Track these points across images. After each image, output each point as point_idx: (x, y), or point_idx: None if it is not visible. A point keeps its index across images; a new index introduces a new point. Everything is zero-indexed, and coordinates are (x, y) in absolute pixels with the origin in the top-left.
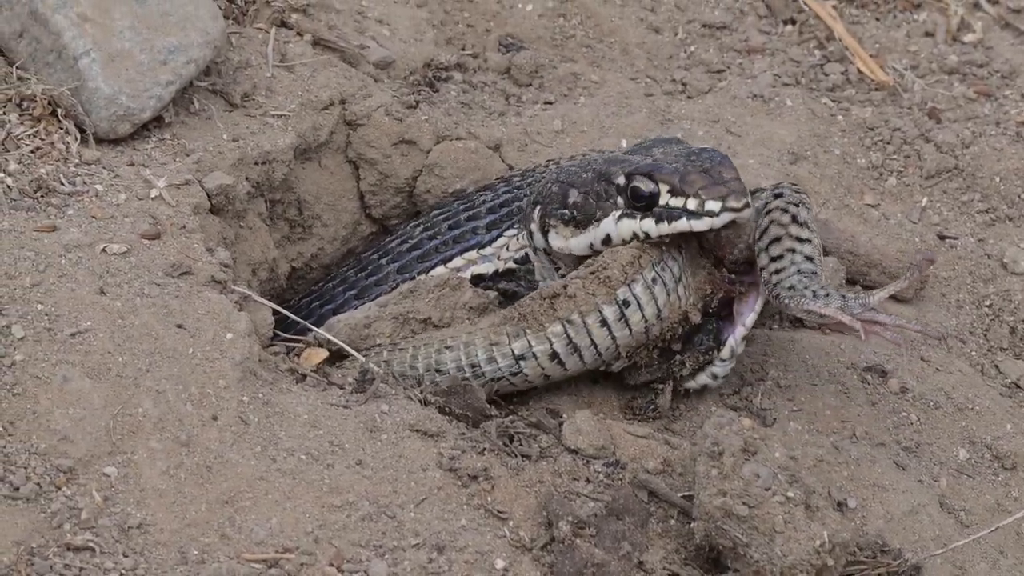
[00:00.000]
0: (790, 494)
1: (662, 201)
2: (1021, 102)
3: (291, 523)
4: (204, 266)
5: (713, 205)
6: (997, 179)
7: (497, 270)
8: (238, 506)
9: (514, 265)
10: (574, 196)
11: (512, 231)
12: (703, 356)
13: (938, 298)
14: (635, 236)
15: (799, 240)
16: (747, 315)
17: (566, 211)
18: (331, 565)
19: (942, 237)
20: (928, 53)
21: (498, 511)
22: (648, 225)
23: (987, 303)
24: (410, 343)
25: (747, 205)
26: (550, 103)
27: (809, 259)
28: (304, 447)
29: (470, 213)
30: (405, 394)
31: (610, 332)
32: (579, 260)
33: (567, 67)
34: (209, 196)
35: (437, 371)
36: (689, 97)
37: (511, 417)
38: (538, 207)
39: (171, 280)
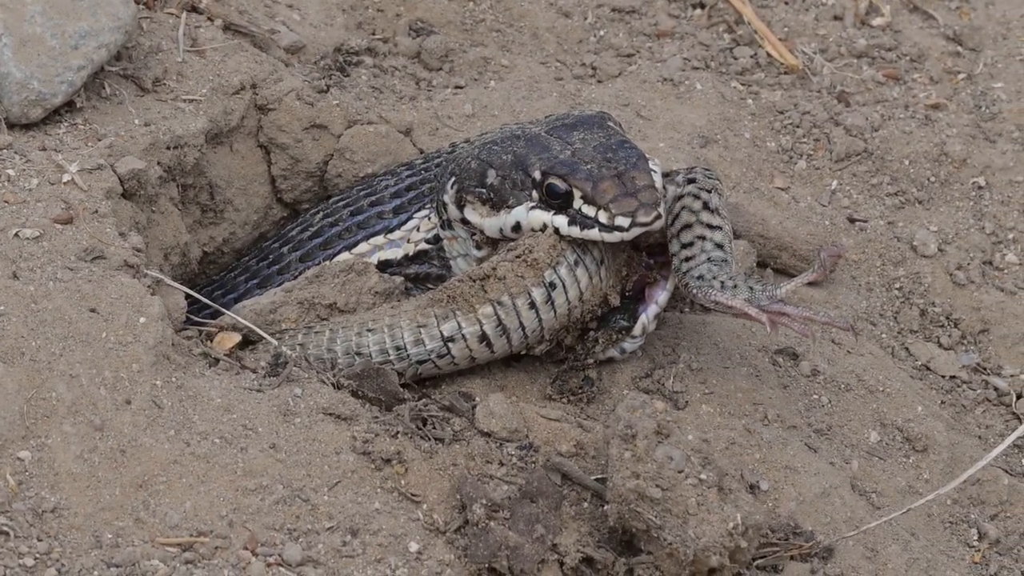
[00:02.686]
0: (703, 476)
1: (575, 204)
2: (930, 86)
3: (205, 507)
4: (116, 250)
5: (623, 221)
6: (906, 162)
7: (407, 254)
8: (152, 490)
9: (426, 246)
10: (491, 177)
11: (423, 212)
12: (616, 335)
13: (848, 281)
14: (545, 227)
15: (710, 227)
16: (660, 294)
17: (483, 190)
18: (245, 548)
19: (852, 220)
20: (837, 37)
21: (412, 494)
22: (560, 222)
23: (897, 286)
24: (327, 326)
25: (657, 217)
26: (460, 87)
27: (719, 247)
28: (218, 431)
29: (373, 199)
30: (318, 378)
31: (537, 314)
32: (491, 239)
33: (477, 51)
34: (121, 181)
35: (358, 354)
36: (599, 81)
37: (424, 400)
38: (454, 179)
39: (84, 264)
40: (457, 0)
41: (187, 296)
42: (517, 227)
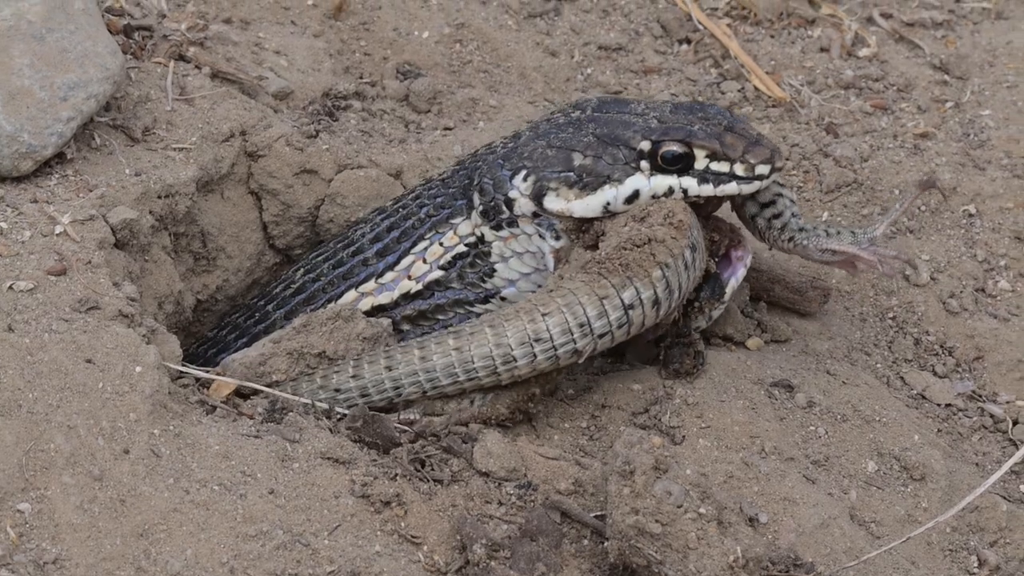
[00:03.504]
0: (702, 510)
1: (699, 164)
2: (917, 115)
3: (206, 554)
4: (111, 300)
5: (763, 168)
6: (896, 191)
7: (407, 292)
8: (153, 539)
9: (440, 273)
10: (579, 159)
11: (422, 245)
12: (709, 307)
13: (842, 311)
14: (670, 191)
15: (781, 185)
16: (746, 256)
17: (570, 174)
18: None
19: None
20: (824, 68)
21: (412, 536)
22: (689, 183)
23: (891, 315)
24: (483, 323)
25: (786, 159)
26: (449, 129)
27: (793, 201)
28: (216, 478)
29: (353, 248)
30: (316, 423)
31: (688, 275)
32: (578, 223)
33: (465, 92)
34: (113, 231)
35: (536, 340)
36: None
37: (421, 442)
38: (525, 172)
39: (78, 315)
40: (444, 42)
41: (182, 344)
42: (634, 197)
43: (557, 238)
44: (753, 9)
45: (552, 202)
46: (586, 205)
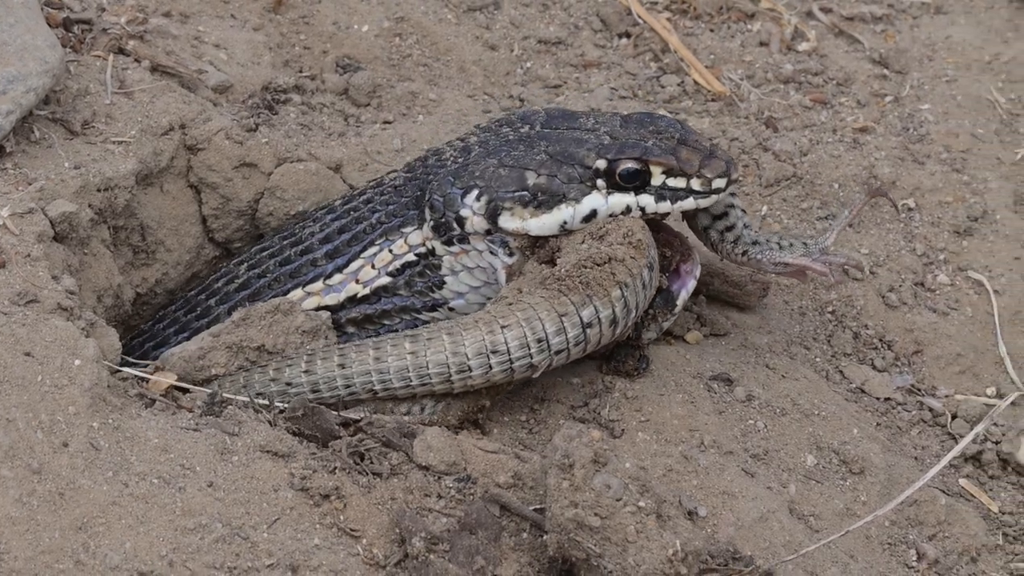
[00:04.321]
0: (641, 504)
1: (655, 181)
2: (857, 109)
3: (145, 547)
4: (50, 294)
5: (719, 182)
6: (835, 185)
7: (353, 295)
8: (92, 532)
9: (387, 280)
10: (533, 179)
11: (371, 251)
12: (660, 313)
13: (781, 305)
14: (628, 210)
15: (733, 195)
16: (695, 269)
17: (525, 193)
18: None
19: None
20: (763, 63)
21: (351, 529)
22: (647, 201)
23: (830, 309)
24: (441, 330)
25: (739, 169)
26: (389, 122)
27: (744, 212)
28: (156, 471)
29: (301, 247)
30: (255, 416)
31: (645, 294)
32: (532, 239)
33: (405, 86)
34: (52, 224)
35: (493, 352)
36: None
37: (360, 436)
38: (478, 192)
39: (17, 308)
40: (383, 36)
41: (121, 337)
42: (591, 216)
43: (510, 255)
44: (693, 3)
45: (507, 221)
46: (542, 224)
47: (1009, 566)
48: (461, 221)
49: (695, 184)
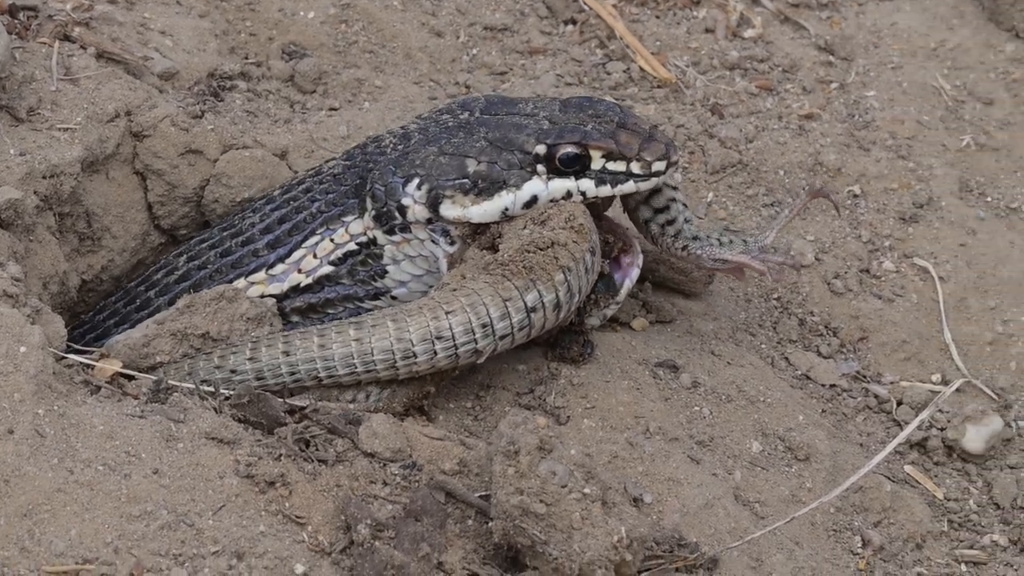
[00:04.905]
0: (586, 491)
1: (595, 165)
2: (803, 96)
3: (90, 534)
4: None
5: (659, 165)
6: (781, 172)
7: (297, 284)
8: (36, 519)
9: (330, 268)
10: (473, 166)
11: (313, 240)
12: (603, 299)
13: (727, 292)
14: (568, 195)
15: (674, 189)
16: (638, 258)
17: (465, 181)
18: (131, 575)
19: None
20: (709, 49)
21: (296, 516)
22: (587, 185)
23: (775, 296)
24: (386, 316)
25: (679, 151)
26: (335, 109)
27: (686, 206)
28: (101, 458)
29: (242, 238)
30: (200, 403)
31: (588, 278)
32: (474, 226)
33: (351, 73)
34: None
35: (438, 338)
36: None
37: (305, 423)
38: (419, 180)
39: None
40: (329, 22)
41: (66, 324)
42: (532, 201)
43: (452, 243)
44: None
45: (448, 210)
46: (484, 211)
47: (954, 552)
48: (403, 210)
49: (635, 167)
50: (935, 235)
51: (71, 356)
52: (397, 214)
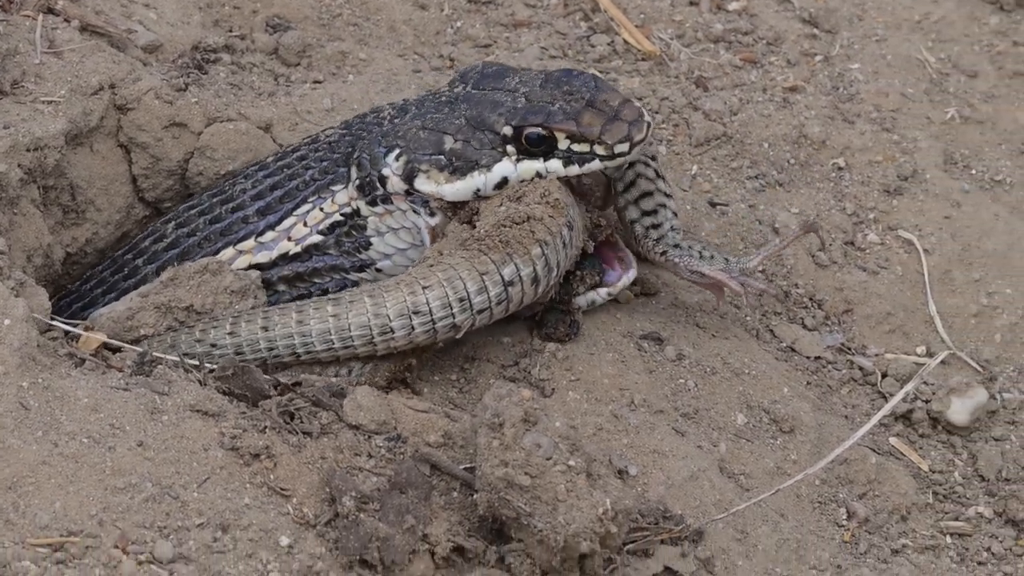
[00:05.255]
0: (571, 463)
1: (561, 145)
2: (787, 68)
3: (75, 507)
4: None
5: (622, 147)
6: (765, 145)
7: (286, 253)
8: (21, 491)
9: (319, 238)
10: (450, 143)
11: (304, 208)
12: (590, 279)
13: None
14: (538, 176)
15: (666, 195)
16: (631, 267)
17: (441, 157)
18: (116, 547)
19: (713, 204)
20: (693, 22)
21: (281, 488)
22: (555, 166)
23: (760, 268)
24: (364, 292)
25: (648, 127)
26: (319, 82)
27: (675, 215)
28: (86, 430)
29: (232, 204)
30: (185, 376)
31: (566, 252)
32: (452, 204)
33: (335, 46)
34: None
35: (415, 313)
36: None
37: (290, 396)
38: (398, 152)
39: None
40: None
41: (51, 297)
42: (502, 183)
43: (432, 215)
44: None
45: (423, 184)
46: (456, 190)
47: (939, 524)
48: (383, 180)
49: (598, 149)
50: (920, 207)
51: (57, 323)
52: (379, 184)
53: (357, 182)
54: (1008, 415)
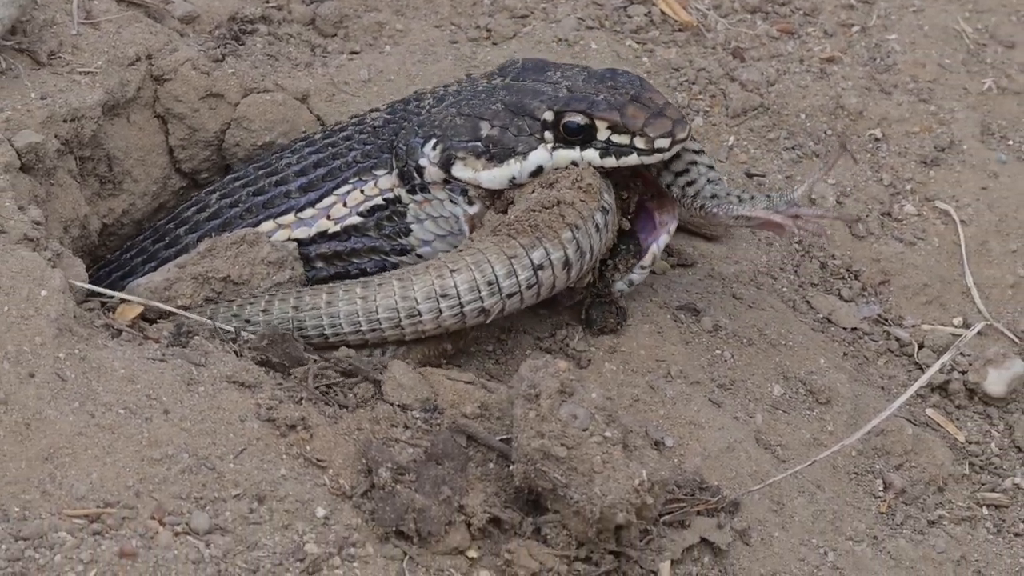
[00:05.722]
0: (607, 434)
1: (600, 136)
2: (824, 39)
3: (112, 477)
4: (16, 224)
5: (663, 142)
6: (802, 116)
7: (324, 231)
8: (58, 462)
9: (358, 219)
10: (487, 129)
11: (345, 188)
12: (628, 262)
13: (748, 235)
14: (574, 165)
15: (695, 152)
16: (670, 223)
17: (478, 144)
18: (153, 518)
19: (750, 175)
20: None
21: (317, 459)
22: (591, 156)
23: (797, 239)
24: (391, 276)
25: (689, 131)
26: (356, 53)
27: (711, 167)
28: (122, 401)
29: (276, 178)
30: (221, 347)
31: (600, 237)
32: (490, 192)
33: (372, 16)
34: (19, 154)
35: (443, 296)
36: (494, 43)
37: (322, 364)
38: (435, 141)
39: None
40: None
41: (87, 268)
42: (538, 172)
43: (471, 203)
44: None
45: (460, 171)
46: (493, 177)
47: (975, 495)
48: (420, 170)
49: (638, 142)
50: (956, 178)
51: (96, 290)
52: (416, 174)
53: (397, 171)
54: None
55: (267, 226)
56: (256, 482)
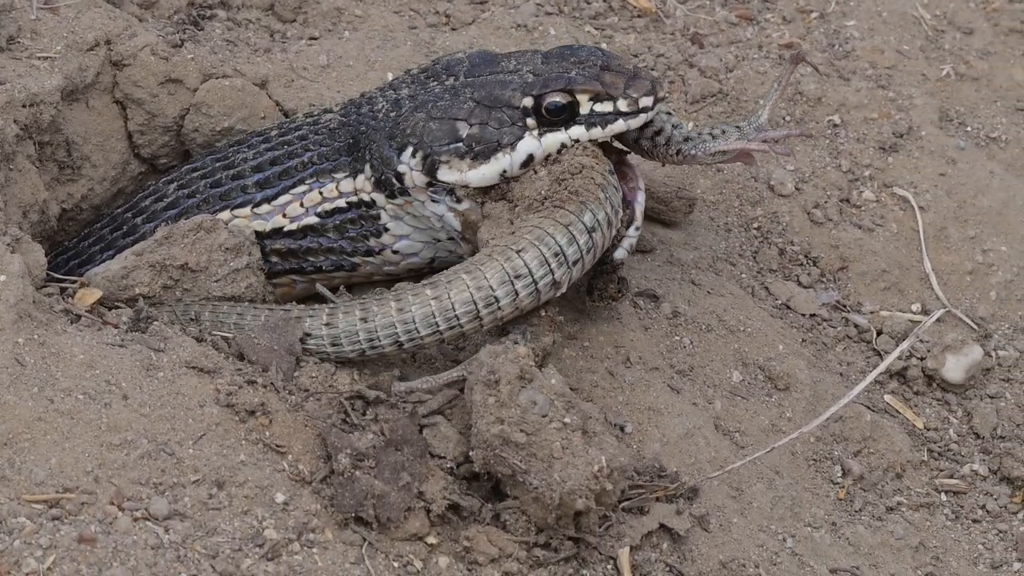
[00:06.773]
0: (567, 420)
1: (583, 109)
2: (783, 25)
3: (71, 463)
4: None
5: (646, 101)
6: (761, 102)
7: (280, 228)
8: (17, 447)
9: (315, 220)
10: (465, 129)
11: (300, 188)
12: (620, 229)
13: (707, 222)
14: (563, 147)
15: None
16: (638, 180)
17: (459, 145)
18: (112, 503)
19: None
20: None
21: (276, 445)
22: (578, 132)
23: (755, 225)
24: (460, 270)
25: (665, 86)
26: (315, 38)
27: (670, 114)
28: (81, 387)
29: (233, 172)
30: (181, 332)
31: (618, 195)
32: (481, 191)
33: (331, 2)
34: None
35: (516, 277)
36: (453, 29)
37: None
38: (412, 149)
39: None
40: None
41: (47, 253)
42: (528, 161)
43: (459, 201)
44: None
45: (446, 175)
46: (482, 175)
47: (934, 482)
48: (400, 177)
49: (622, 105)
50: (915, 165)
51: (55, 278)
52: (395, 181)
53: (373, 179)
54: (1003, 372)
55: (224, 215)
56: (215, 467)
